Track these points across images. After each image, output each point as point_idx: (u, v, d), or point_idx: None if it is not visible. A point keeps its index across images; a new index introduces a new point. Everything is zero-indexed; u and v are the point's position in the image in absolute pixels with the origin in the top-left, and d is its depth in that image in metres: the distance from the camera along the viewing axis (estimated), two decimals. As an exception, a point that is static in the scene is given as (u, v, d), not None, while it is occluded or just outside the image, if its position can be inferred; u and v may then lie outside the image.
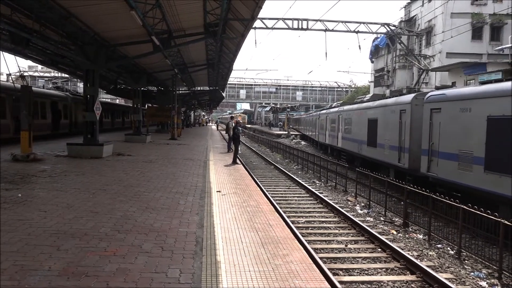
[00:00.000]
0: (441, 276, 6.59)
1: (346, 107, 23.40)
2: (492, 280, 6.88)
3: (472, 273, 7.22)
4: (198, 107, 67.53)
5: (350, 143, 20.95)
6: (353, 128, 20.43)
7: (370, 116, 17.87)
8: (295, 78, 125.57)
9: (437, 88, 14.25)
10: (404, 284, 6.65)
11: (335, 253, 8.14)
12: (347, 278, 6.76)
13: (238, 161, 16.78)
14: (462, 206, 8.03)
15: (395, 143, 14.66)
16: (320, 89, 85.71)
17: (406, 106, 14.21)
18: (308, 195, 14.16)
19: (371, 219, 11.01)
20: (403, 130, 14.15)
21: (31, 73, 67.28)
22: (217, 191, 9.70)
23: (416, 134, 13.25)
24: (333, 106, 31.71)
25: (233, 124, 18.94)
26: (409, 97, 14.35)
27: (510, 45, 25.46)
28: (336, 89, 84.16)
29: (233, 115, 31.64)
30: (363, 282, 6.64)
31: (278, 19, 32.55)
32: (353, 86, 73.87)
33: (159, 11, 13.59)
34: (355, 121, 20.24)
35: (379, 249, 8.33)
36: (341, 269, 7.16)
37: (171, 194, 8.89)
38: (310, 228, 9.94)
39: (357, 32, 33.49)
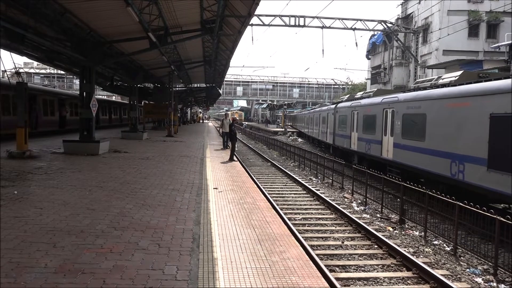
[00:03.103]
0: (437, 273, 6.63)
1: (403, 96, 14.75)
2: (488, 277, 6.92)
3: (467, 270, 7.26)
4: (194, 104, 67.41)
5: (418, 156, 12.95)
6: (430, 132, 12.26)
7: None
8: (292, 75, 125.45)
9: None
10: (400, 280, 6.67)
11: (332, 249, 8.15)
12: (343, 275, 6.78)
13: (235, 158, 16.77)
14: (458, 203, 8.06)
15: None
16: (317, 86, 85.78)
17: None
18: (305, 192, 14.18)
19: (368, 216, 11.05)
20: None
21: (26, 70, 66.90)
22: (214, 188, 9.70)
23: None
24: (357, 97, 22.34)
25: (230, 121, 18.98)
26: None
27: (506, 42, 25.54)
28: (333, 86, 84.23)
29: (227, 112, 31.24)
30: (359, 279, 6.66)
31: (275, 16, 32.65)
32: (350, 83, 73.93)
33: (155, 8, 13.55)
34: (438, 119, 11.90)
35: (376, 246, 8.35)
36: (337, 266, 7.18)
37: (167, 191, 8.88)
38: (306, 225, 9.96)
39: (354, 29, 33.69)
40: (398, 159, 14.48)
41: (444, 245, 8.57)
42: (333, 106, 25.62)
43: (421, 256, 7.86)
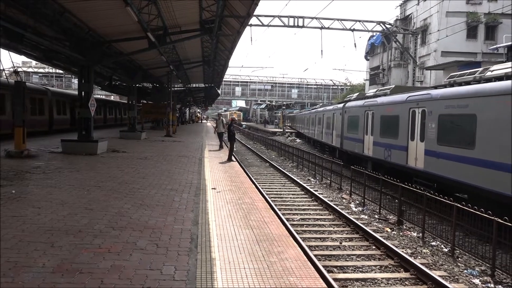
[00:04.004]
0: (435, 274, 6.64)
1: (438, 93, 12.11)
2: (485, 278, 6.94)
3: (465, 271, 7.27)
4: (193, 104, 67.41)
5: (463, 167, 10.40)
6: (484, 137, 9.72)
7: None
8: (290, 75, 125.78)
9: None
10: (398, 281, 6.68)
11: (330, 250, 8.16)
12: (341, 276, 6.78)
13: (233, 158, 16.77)
14: (455, 204, 8.08)
15: None
16: (315, 87, 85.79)
17: None
18: (303, 192, 14.19)
19: (366, 217, 11.05)
20: None
21: (25, 69, 66.76)
22: (212, 188, 9.70)
23: None
24: (369, 95, 19.84)
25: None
26: None
27: (504, 44, 25.61)
28: (331, 87, 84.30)
29: (220, 112, 30.45)
30: (357, 280, 6.66)
31: (274, 16, 32.66)
32: (348, 84, 74.00)
33: (154, 7, 13.55)
34: (498, 122, 9.29)
35: (374, 247, 8.36)
36: (335, 267, 7.18)
37: (166, 191, 8.87)
38: (305, 225, 9.97)
39: (353, 30, 33.76)
40: (431, 170, 11.86)
41: (442, 246, 8.58)
42: (341, 105, 22.84)
43: (419, 257, 7.87)
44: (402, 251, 7.83)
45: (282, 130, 53.14)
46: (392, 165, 14.78)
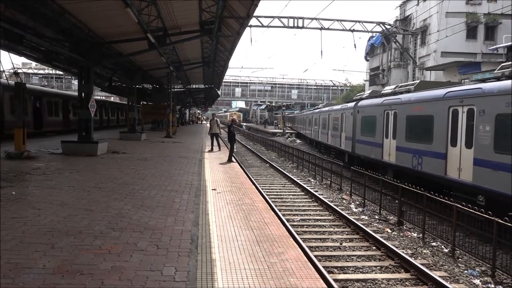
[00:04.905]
0: (435, 274, 6.64)
1: (494, 87, 9.74)
2: (486, 278, 6.94)
3: (465, 271, 7.27)
4: (193, 105, 67.44)
5: None
6: None
7: None
8: (290, 76, 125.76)
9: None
10: (398, 282, 6.68)
11: (330, 251, 8.16)
12: (342, 276, 6.78)
13: (233, 159, 16.76)
14: (456, 204, 8.08)
15: None
16: (315, 87, 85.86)
17: None
18: (303, 193, 14.19)
19: (366, 218, 11.05)
20: None
21: (25, 70, 66.81)
22: (212, 189, 9.70)
23: None
24: (385, 92, 17.73)
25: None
26: None
27: (504, 44, 25.63)
28: (331, 87, 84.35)
29: (213, 113, 29.23)
30: (357, 280, 6.67)
31: (273, 17, 32.74)
32: (348, 84, 74.04)
33: (154, 8, 13.55)
34: None
35: (374, 247, 8.36)
36: (336, 267, 7.18)
37: (166, 192, 8.87)
38: (305, 226, 9.97)
39: (353, 30, 33.84)
40: (485, 184, 9.52)
41: (442, 246, 8.58)
42: (351, 104, 20.56)
43: (419, 258, 7.87)
44: (403, 252, 7.83)
45: (282, 131, 53.11)
46: (423, 175, 12.46)
